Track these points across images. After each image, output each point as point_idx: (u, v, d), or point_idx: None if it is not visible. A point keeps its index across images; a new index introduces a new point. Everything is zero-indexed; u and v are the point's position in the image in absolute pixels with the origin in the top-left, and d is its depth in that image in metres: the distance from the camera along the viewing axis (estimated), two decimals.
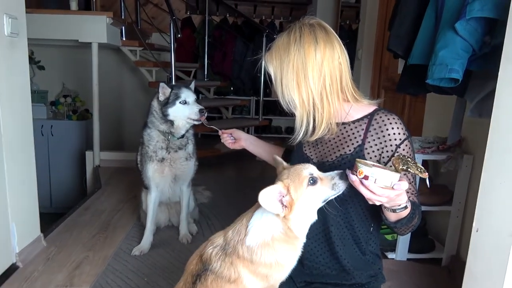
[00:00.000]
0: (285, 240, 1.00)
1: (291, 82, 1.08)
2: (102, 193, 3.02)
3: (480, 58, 1.31)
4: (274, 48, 1.10)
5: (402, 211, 1.01)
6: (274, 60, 1.10)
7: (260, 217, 1.00)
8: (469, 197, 1.99)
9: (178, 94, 2.04)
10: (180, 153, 2.13)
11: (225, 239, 1.04)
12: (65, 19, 3.32)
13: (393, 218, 1.05)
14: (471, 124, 1.95)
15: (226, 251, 1.01)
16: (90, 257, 2.03)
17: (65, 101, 4.54)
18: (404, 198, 0.99)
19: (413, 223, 1.10)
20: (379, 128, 1.12)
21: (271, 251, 0.99)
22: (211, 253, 1.03)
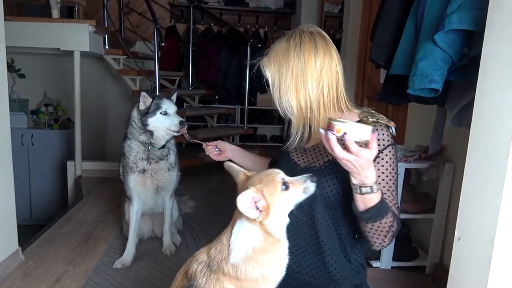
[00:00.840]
0: (267, 249, 0.99)
1: (290, 87, 1.09)
2: (83, 204, 2.95)
3: (459, 69, 1.34)
4: (272, 53, 1.10)
5: (369, 195, 1.00)
6: (273, 65, 1.10)
7: (238, 231, 0.99)
8: (451, 205, 2.02)
9: (159, 105, 2.02)
10: (161, 163, 2.11)
11: (209, 256, 1.02)
12: (47, 27, 3.27)
13: (360, 205, 1.02)
14: (451, 132, 1.98)
15: (211, 268, 1.00)
16: (70, 271, 1.98)
17: (46, 110, 4.45)
18: (372, 177, 0.98)
19: (384, 226, 1.06)
20: None
21: (255, 265, 0.98)
22: (196, 269, 1.01)
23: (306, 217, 1.20)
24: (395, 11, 1.67)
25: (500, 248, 1.02)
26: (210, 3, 5.17)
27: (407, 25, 1.53)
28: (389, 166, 1.13)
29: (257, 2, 5.29)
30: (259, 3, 5.29)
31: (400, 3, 1.64)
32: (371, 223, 1.05)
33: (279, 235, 1.01)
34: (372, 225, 1.06)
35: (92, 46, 3.37)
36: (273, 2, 5.28)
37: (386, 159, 1.14)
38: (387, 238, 1.09)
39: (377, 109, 1.20)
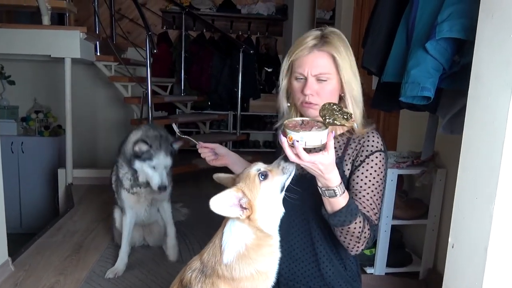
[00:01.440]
0: (259, 245, 0.99)
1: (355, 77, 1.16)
2: (75, 213, 2.92)
3: (450, 76, 1.35)
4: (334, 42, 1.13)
5: (333, 198, 1.01)
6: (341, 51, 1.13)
7: (229, 231, 1.00)
8: (444, 211, 2.03)
9: (152, 157, 1.95)
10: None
11: (202, 262, 1.03)
12: (37, 34, 3.24)
13: (328, 207, 1.05)
14: (444, 139, 2.00)
15: (205, 273, 1.00)
16: (61, 281, 1.95)
17: (36, 117, 4.40)
18: (336, 180, 1.00)
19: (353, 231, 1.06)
20: (358, 140, 1.17)
21: (249, 262, 0.98)
22: (190, 277, 1.01)
23: (301, 222, 1.20)
24: (387, 18, 1.68)
25: (494, 254, 1.03)
26: (202, 10, 5.18)
27: (398, 32, 1.54)
28: (374, 171, 1.13)
29: (249, 9, 5.31)
30: (251, 10, 5.31)
31: (391, 10, 1.65)
32: (340, 227, 1.05)
33: (271, 230, 1.02)
34: (342, 229, 1.06)
35: (83, 53, 3.35)
36: (265, 9, 5.30)
37: (372, 164, 1.14)
38: (360, 244, 1.09)
39: (369, 116, 1.22)
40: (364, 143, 1.16)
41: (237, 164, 1.39)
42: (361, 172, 1.14)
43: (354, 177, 1.15)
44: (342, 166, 1.16)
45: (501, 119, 0.98)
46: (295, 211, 1.20)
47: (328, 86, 1.14)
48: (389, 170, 1.96)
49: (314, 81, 1.13)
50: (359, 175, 1.14)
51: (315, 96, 1.14)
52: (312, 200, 1.14)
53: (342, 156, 1.17)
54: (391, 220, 2.02)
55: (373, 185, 1.13)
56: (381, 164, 1.15)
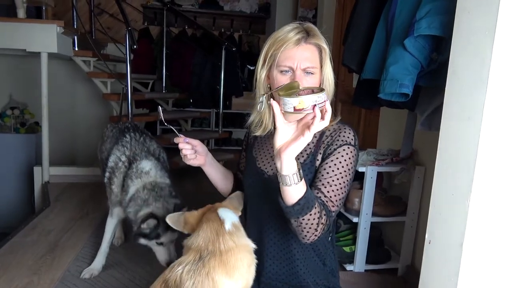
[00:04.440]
0: None
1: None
2: (50, 211, 2.83)
3: (428, 74, 1.36)
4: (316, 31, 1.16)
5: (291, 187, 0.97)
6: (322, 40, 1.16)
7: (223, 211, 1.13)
8: (422, 208, 2.05)
9: (159, 236, 1.72)
10: None
11: (197, 249, 1.05)
12: (12, 27, 3.13)
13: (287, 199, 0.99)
14: (422, 136, 2.02)
15: (203, 260, 1.01)
16: (34, 281, 1.88)
17: (12, 113, 4.28)
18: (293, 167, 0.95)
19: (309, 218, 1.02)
20: (334, 132, 1.18)
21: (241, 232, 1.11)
22: (181, 273, 1.00)
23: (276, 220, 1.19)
24: (367, 16, 1.69)
25: (469, 250, 1.04)
26: (184, 6, 5.13)
27: (377, 30, 1.55)
28: (340, 162, 1.12)
29: (232, 6, 5.29)
30: (233, 7, 5.29)
31: (371, 8, 1.66)
32: (301, 217, 1.01)
33: None
34: (302, 219, 1.02)
35: (61, 47, 3.26)
36: (247, 6, 5.29)
37: (339, 156, 1.13)
38: (318, 231, 1.05)
39: (350, 113, 1.23)
40: (337, 137, 1.16)
41: (212, 165, 1.34)
42: (327, 162, 1.13)
43: (321, 167, 1.14)
44: (314, 162, 1.16)
45: (477, 115, 0.99)
46: (271, 210, 1.19)
47: (314, 79, 1.14)
48: (369, 167, 1.97)
49: (302, 74, 1.12)
50: (325, 165, 1.13)
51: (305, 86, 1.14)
52: None
53: (315, 152, 1.16)
54: (371, 217, 2.03)
55: (335, 175, 1.11)
56: (349, 157, 1.13)
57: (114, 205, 1.96)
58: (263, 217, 1.22)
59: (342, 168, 1.12)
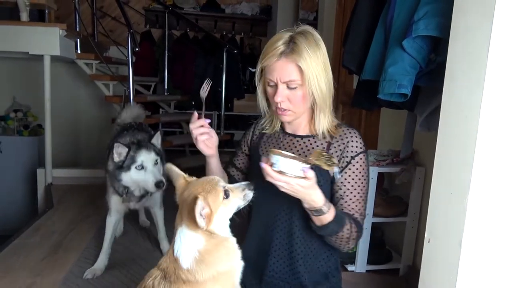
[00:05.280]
0: (213, 249, 0.99)
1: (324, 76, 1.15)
2: (54, 213, 2.85)
3: (427, 74, 1.37)
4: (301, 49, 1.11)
5: (321, 216, 1.05)
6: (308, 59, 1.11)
7: (179, 240, 0.99)
8: (423, 208, 2.06)
9: (134, 158, 1.79)
10: (143, 199, 1.99)
11: (162, 269, 1.01)
12: (15, 30, 3.17)
13: (316, 222, 1.08)
14: (422, 137, 2.03)
15: (169, 279, 0.98)
16: (37, 283, 1.90)
17: (15, 116, 4.30)
18: (320, 200, 1.02)
19: (342, 236, 1.11)
20: (341, 141, 1.18)
21: (207, 265, 0.97)
22: (152, 284, 0.99)
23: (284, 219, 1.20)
24: (366, 18, 1.70)
25: (468, 248, 1.04)
26: (186, 9, 5.16)
27: (376, 31, 1.56)
28: (359, 173, 1.17)
29: (233, 9, 5.32)
30: (235, 10, 5.31)
31: (370, 10, 1.67)
32: (329, 236, 1.10)
33: (223, 233, 1.02)
34: (336, 236, 1.11)
35: (63, 50, 3.29)
36: (249, 9, 5.32)
37: (357, 166, 1.17)
38: (350, 243, 1.15)
39: (351, 115, 1.25)
40: (347, 144, 1.17)
41: (217, 159, 1.32)
42: (346, 177, 1.16)
43: (340, 183, 1.17)
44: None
45: (474, 115, 1.00)
46: (277, 211, 1.20)
47: (298, 92, 1.13)
48: (370, 168, 1.97)
49: (285, 88, 1.13)
50: (345, 179, 1.17)
51: (286, 102, 1.14)
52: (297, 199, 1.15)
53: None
54: (372, 218, 2.04)
55: (358, 186, 1.16)
56: (365, 165, 1.18)
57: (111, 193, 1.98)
58: (269, 217, 1.23)
59: (359, 181, 1.17)
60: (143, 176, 1.81)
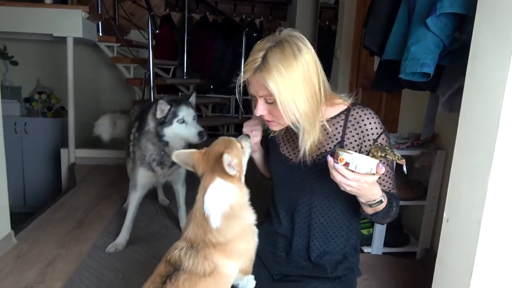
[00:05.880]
0: (240, 202, 1.05)
1: (302, 93, 1.04)
2: (77, 191, 2.95)
3: (451, 53, 1.35)
4: (271, 66, 1.02)
5: (378, 205, 1.06)
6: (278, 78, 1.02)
7: (213, 195, 1.03)
8: (442, 192, 2.04)
9: (176, 112, 1.90)
10: (174, 167, 2.06)
11: (188, 240, 1.03)
12: (39, 13, 3.23)
13: (370, 212, 1.09)
14: (444, 120, 2.00)
15: (196, 248, 1.01)
16: (63, 254, 1.99)
17: (39, 97, 4.42)
18: (378, 192, 1.03)
19: (391, 215, 1.14)
20: (357, 124, 1.16)
21: (237, 219, 1.03)
22: (179, 255, 1.01)
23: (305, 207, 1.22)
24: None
25: (487, 227, 1.04)
26: None
27: (400, 10, 1.53)
28: None
29: None
30: None
31: None
32: (379, 219, 1.13)
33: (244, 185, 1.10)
34: (379, 219, 1.13)
35: (85, 32, 3.34)
36: None
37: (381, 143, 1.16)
38: (392, 218, 1.17)
39: (371, 99, 1.22)
40: (365, 127, 1.14)
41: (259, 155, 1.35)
42: None
43: None
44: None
45: (498, 95, 0.98)
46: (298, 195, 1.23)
47: (276, 107, 1.07)
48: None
49: (263, 102, 1.09)
50: None
51: (268, 115, 1.12)
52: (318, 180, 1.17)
53: (341, 140, 1.17)
54: None
55: (387, 165, 1.17)
56: (387, 143, 1.17)
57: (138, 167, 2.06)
58: (292, 201, 1.25)
59: (387, 160, 1.15)
60: (185, 129, 1.93)
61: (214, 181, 1.03)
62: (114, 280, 1.78)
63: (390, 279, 1.91)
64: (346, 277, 1.26)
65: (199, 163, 1.08)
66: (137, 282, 1.74)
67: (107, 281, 1.77)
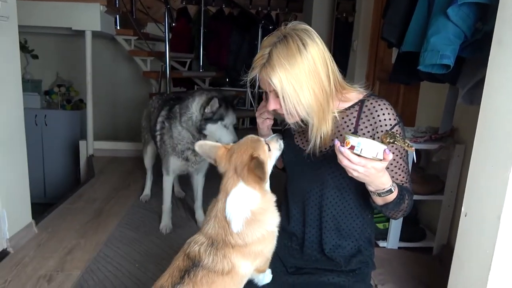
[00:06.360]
0: (262, 207, 1.03)
1: (307, 87, 1.03)
2: (95, 182, 3.01)
3: (472, 44, 1.31)
4: (274, 61, 1.01)
5: (388, 195, 1.03)
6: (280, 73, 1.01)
7: (235, 199, 1.01)
8: (460, 187, 2.00)
9: (223, 116, 1.98)
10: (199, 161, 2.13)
11: (208, 237, 1.03)
12: (58, 7, 3.29)
13: (380, 202, 1.07)
14: (463, 113, 1.96)
15: (216, 247, 1.00)
16: (82, 243, 2.03)
17: (59, 90, 4.50)
18: (388, 181, 1.01)
19: (402, 208, 1.11)
20: (370, 115, 1.14)
21: (258, 225, 1.01)
22: (199, 250, 1.01)
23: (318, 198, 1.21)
24: None
25: (507, 223, 1.02)
26: None
27: (420, 0, 1.50)
28: (396, 149, 1.14)
29: None
30: None
31: None
32: (390, 211, 1.10)
33: (269, 190, 1.07)
34: (390, 211, 1.11)
35: (104, 26, 3.39)
36: None
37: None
38: (405, 212, 1.15)
39: (388, 92, 1.19)
40: (378, 118, 1.12)
41: None
42: (393, 149, 1.13)
43: None
44: None
45: None
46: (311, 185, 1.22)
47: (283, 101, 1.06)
48: None
49: (274, 96, 1.08)
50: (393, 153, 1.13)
51: (281, 109, 1.09)
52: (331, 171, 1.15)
53: (354, 131, 1.16)
54: None
55: (400, 158, 1.14)
56: (402, 136, 1.14)
57: (169, 155, 2.14)
58: (303, 192, 1.24)
59: (400, 153, 1.14)
60: (225, 133, 1.99)
61: (237, 186, 1.01)
62: (131, 269, 1.81)
63: (406, 274, 1.89)
64: (360, 270, 1.25)
65: (222, 160, 1.06)
66: (153, 271, 1.79)
67: (124, 270, 1.80)
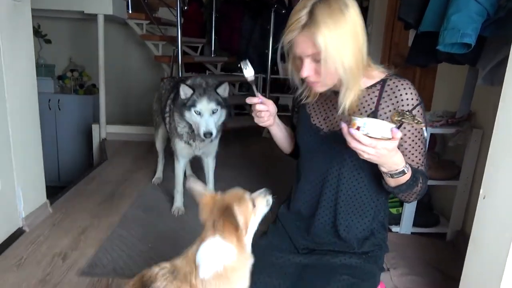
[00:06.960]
0: (236, 266, 0.97)
1: (350, 46, 1.03)
2: (108, 164, 3.04)
3: (495, 22, 1.27)
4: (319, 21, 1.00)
5: (400, 177, 1.01)
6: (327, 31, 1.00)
7: (209, 248, 0.96)
8: (477, 172, 1.97)
9: (195, 103, 1.92)
10: (207, 140, 2.08)
11: (174, 266, 0.98)
12: None
13: (392, 183, 1.05)
14: (481, 98, 1.91)
15: (175, 275, 0.95)
16: (95, 223, 2.06)
17: (72, 75, 4.53)
18: (401, 161, 0.99)
19: (416, 191, 1.09)
20: (392, 94, 1.11)
21: (226, 282, 0.94)
22: (157, 273, 0.95)
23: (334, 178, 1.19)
24: None
25: None
26: None
27: None
28: (415, 130, 1.11)
29: None
30: None
31: None
32: (403, 194, 1.09)
33: (249, 250, 1.02)
34: (403, 194, 1.09)
35: (116, 9, 3.38)
36: None
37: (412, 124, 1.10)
38: (418, 195, 1.13)
39: (404, 75, 1.16)
40: (400, 97, 1.10)
41: (279, 125, 1.34)
42: (406, 130, 1.11)
43: (402, 140, 1.11)
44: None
45: None
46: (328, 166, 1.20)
47: (324, 65, 1.04)
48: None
49: (310, 62, 1.06)
50: (405, 134, 1.11)
51: (313, 76, 1.08)
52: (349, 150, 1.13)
53: (375, 110, 1.13)
54: None
55: (419, 139, 1.12)
56: (422, 117, 1.11)
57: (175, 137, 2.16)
58: (321, 172, 1.22)
59: (419, 134, 1.12)
60: (199, 120, 1.94)
61: (213, 238, 0.95)
62: (144, 249, 1.83)
63: (418, 259, 1.87)
64: (373, 253, 1.24)
65: (205, 209, 1.01)
66: (164, 251, 1.80)
67: (137, 250, 1.82)
